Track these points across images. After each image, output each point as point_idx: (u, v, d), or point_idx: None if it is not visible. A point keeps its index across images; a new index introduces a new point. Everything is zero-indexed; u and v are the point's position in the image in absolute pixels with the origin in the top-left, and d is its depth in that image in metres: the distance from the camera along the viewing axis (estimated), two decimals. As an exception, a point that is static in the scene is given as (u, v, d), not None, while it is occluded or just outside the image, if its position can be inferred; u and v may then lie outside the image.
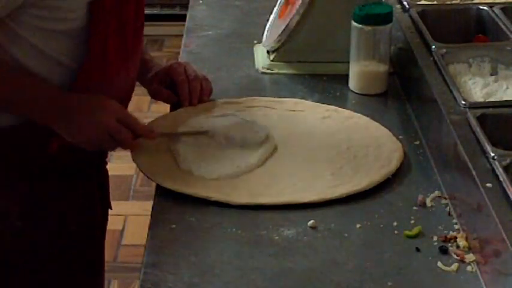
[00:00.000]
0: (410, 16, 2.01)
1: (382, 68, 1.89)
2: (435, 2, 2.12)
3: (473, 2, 2.08)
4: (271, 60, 2.03)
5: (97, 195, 1.74)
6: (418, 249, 1.39)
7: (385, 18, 1.85)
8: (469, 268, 1.34)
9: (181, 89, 1.79)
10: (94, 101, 1.56)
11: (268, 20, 2.12)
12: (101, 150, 1.67)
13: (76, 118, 1.54)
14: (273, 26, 2.07)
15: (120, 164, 3.20)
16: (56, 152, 1.58)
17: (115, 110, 1.57)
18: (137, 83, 1.81)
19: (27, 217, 1.61)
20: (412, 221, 1.46)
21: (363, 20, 1.84)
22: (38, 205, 1.61)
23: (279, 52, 2.02)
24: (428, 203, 1.51)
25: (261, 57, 2.07)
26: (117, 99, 1.61)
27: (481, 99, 1.68)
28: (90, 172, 1.71)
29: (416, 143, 1.70)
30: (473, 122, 1.52)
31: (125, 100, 1.71)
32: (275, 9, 2.12)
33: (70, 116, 1.53)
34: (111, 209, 1.85)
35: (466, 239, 1.39)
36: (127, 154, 1.64)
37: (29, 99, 1.54)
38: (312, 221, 1.45)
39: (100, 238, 1.79)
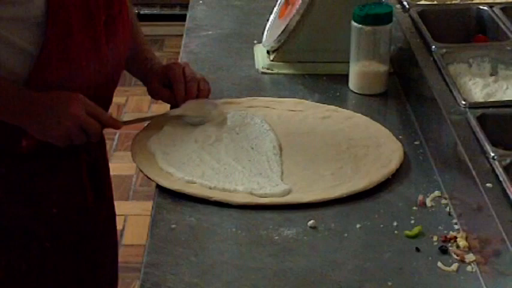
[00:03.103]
0: (410, 16, 2.01)
1: (382, 68, 1.89)
2: (435, 2, 2.12)
3: (473, 2, 2.08)
4: (271, 60, 2.03)
5: (85, 176, 1.70)
6: (418, 249, 1.39)
7: (385, 18, 1.85)
8: (469, 268, 1.34)
9: (178, 90, 1.77)
10: (62, 96, 1.55)
11: (268, 20, 2.12)
12: (73, 145, 1.59)
13: (47, 115, 1.53)
14: (273, 26, 2.07)
15: (120, 164, 3.21)
16: (26, 150, 1.58)
17: (84, 103, 1.56)
18: (139, 83, 1.81)
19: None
20: (412, 221, 1.46)
21: (363, 20, 1.84)
22: (17, 184, 1.62)
23: (279, 52, 2.02)
24: (428, 203, 1.51)
25: (261, 57, 2.07)
26: (88, 88, 1.60)
27: (481, 100, 1.68)
28: (76, 151, 1.67)
29: (416, 143, 1.70)
30: (473, 122, 1.52)
31: (106, 87, 1.69)
32: (275, 9, 2.12)
33: (40, 114, 1.53)
34: (112, 202, 1.84)
35: (466, 239, 1.39)
36: (127, 154, 1.63)
37: None
38: (312, 221, 1.45)
39: (103, 239, 1.78)
